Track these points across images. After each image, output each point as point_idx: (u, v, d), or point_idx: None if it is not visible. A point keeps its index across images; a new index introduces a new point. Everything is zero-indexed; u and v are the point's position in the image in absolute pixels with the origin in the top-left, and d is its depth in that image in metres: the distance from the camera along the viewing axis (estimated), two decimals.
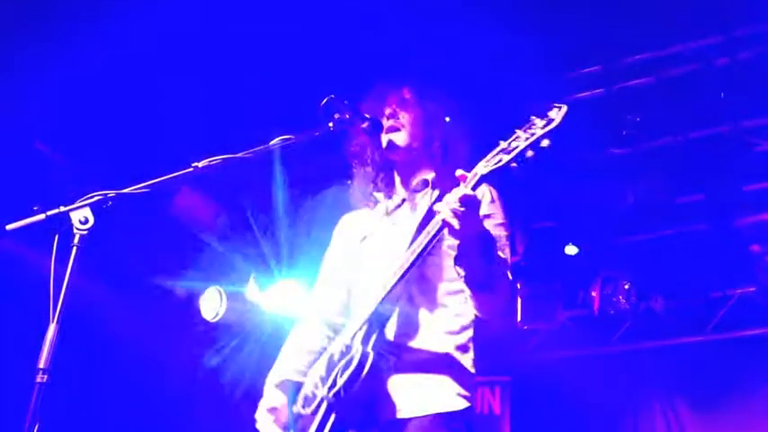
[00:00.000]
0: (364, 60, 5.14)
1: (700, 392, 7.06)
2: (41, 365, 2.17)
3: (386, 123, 3.15)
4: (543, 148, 2.51)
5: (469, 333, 2.98)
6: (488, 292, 2.76)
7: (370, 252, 3.14)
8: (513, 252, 3.13)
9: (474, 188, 2.57)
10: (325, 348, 3.12)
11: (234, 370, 6.70)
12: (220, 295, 6.86)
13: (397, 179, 3.26)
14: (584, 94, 6.42)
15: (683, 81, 6.17)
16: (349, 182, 3.36)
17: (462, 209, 2.53)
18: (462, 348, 2.94)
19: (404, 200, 3.21)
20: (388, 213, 3.21)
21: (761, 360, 6.77)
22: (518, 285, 7.50)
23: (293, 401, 3.07)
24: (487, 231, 2.73)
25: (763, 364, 6.78)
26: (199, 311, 6.88)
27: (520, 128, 2.58)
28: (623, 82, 6.34)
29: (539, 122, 2.54)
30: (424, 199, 3.13)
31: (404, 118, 3.16)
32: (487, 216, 2.92)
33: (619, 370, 7.31)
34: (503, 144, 2.58)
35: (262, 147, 2.73)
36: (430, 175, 3.15)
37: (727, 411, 6.89)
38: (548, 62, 5.95)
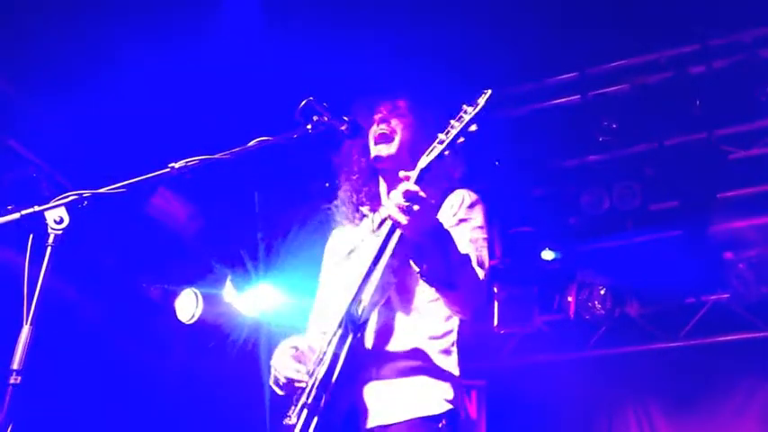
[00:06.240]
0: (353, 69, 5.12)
1: (674, 397, 7.11)
2: (15, 367, 2.15)
3: (375, 130, 3.12)
4: (471, 132, 2.65)
5: (453, 337, 2.98)
6: (451, 288, 2.72)
7: (353, 265, 3.10)
8: (491, 255, 3.12)
9: (418, 182, 2.59)
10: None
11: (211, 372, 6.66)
12: (196, 297, 6.81)
13: (383, 190, 3.22)
14: (560, 100, 6.47)
15: (658, 89, 6.23)
16: (332, 203, 3.32)
17: (407, 204, 2.54)
18: (446, 352, 2.93)
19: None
20: (374, 226, 3.17)
21: (734, 366, 6.83)
22: (495, 289, 7.52)
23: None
24: (442, 227, 2.70)
25: (737, 370, 6.85)
26: (174, 313, 6.83)
27: (453, 118, 2.68)
28: (599, 89, 6.40)
29: (469, 110, 2.67)
30: None
31: (396, 125, 3.13)
32: (464, 220, 2.94)
33: (594, 374, 7.35)
34: (441, 136, 2.68)
35: (240, 148, 2.72)
36: None
37: (700, 416, 6.95)
38: (524, 69, 6.00)
